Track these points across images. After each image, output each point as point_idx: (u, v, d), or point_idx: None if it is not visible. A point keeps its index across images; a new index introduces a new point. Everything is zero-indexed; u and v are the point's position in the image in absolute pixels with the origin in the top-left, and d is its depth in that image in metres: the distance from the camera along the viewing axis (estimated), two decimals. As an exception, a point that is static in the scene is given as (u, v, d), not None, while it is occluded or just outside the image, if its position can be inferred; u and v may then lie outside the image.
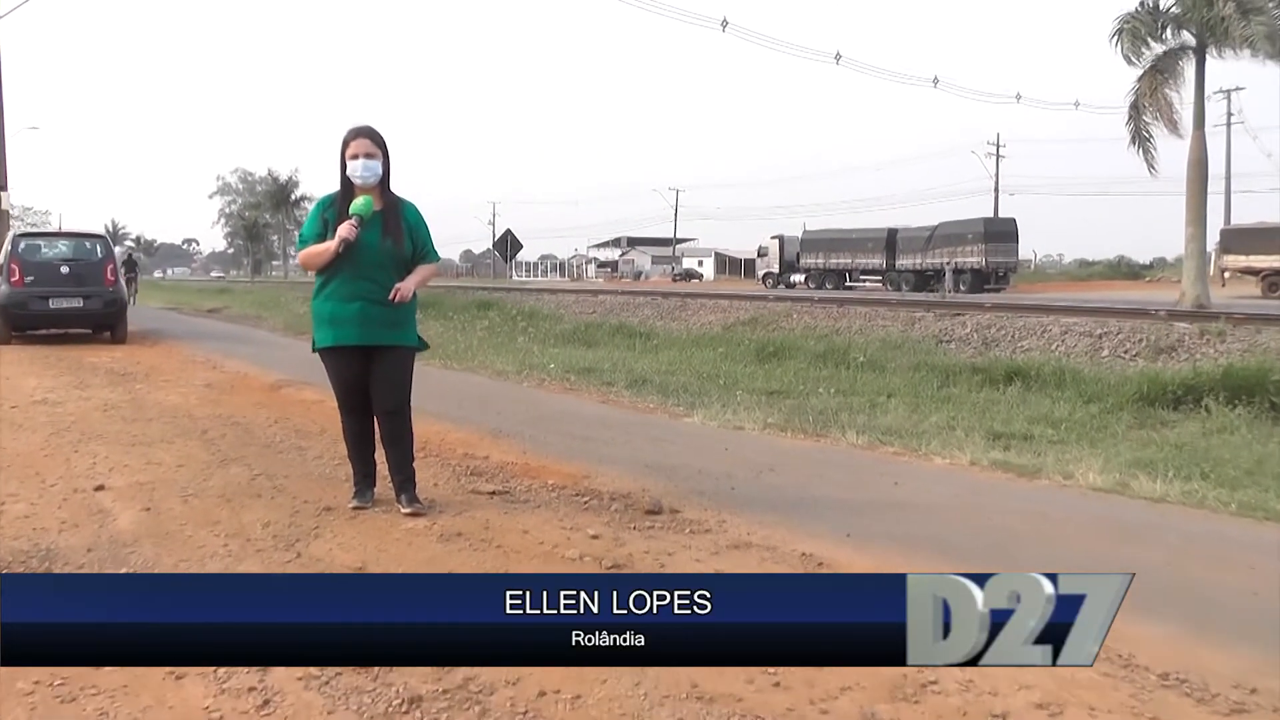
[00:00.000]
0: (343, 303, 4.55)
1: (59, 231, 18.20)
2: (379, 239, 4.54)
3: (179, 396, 8.57)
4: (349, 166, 4.56)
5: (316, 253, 4.55)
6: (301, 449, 6.24)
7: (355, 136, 4.58)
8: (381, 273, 4.55)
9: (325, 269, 4.57)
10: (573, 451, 6.24)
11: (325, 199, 4.72)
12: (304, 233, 4.71)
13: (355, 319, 4.54)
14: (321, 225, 4.58)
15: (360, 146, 4.54)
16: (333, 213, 4.59)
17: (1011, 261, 49.86)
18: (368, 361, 4.63)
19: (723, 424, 7.86)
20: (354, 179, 4.56)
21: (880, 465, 6.26)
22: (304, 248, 4.63)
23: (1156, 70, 23.09)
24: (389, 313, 4.58)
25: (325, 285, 4.60)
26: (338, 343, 4.61)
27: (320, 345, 4.69)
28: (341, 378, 4.70)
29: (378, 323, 4.57)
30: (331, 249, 4.46)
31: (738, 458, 6.25)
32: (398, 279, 4.60)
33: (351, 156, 4.54)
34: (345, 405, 4.78)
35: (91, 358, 12.22)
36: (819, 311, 18.07)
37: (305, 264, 4.70)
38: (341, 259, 4.48)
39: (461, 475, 5.51)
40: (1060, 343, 14.22)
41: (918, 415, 8.48)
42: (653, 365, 12.03)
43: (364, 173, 4.53)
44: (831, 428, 7.68)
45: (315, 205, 4.79)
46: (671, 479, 5.42)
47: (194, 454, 6.01)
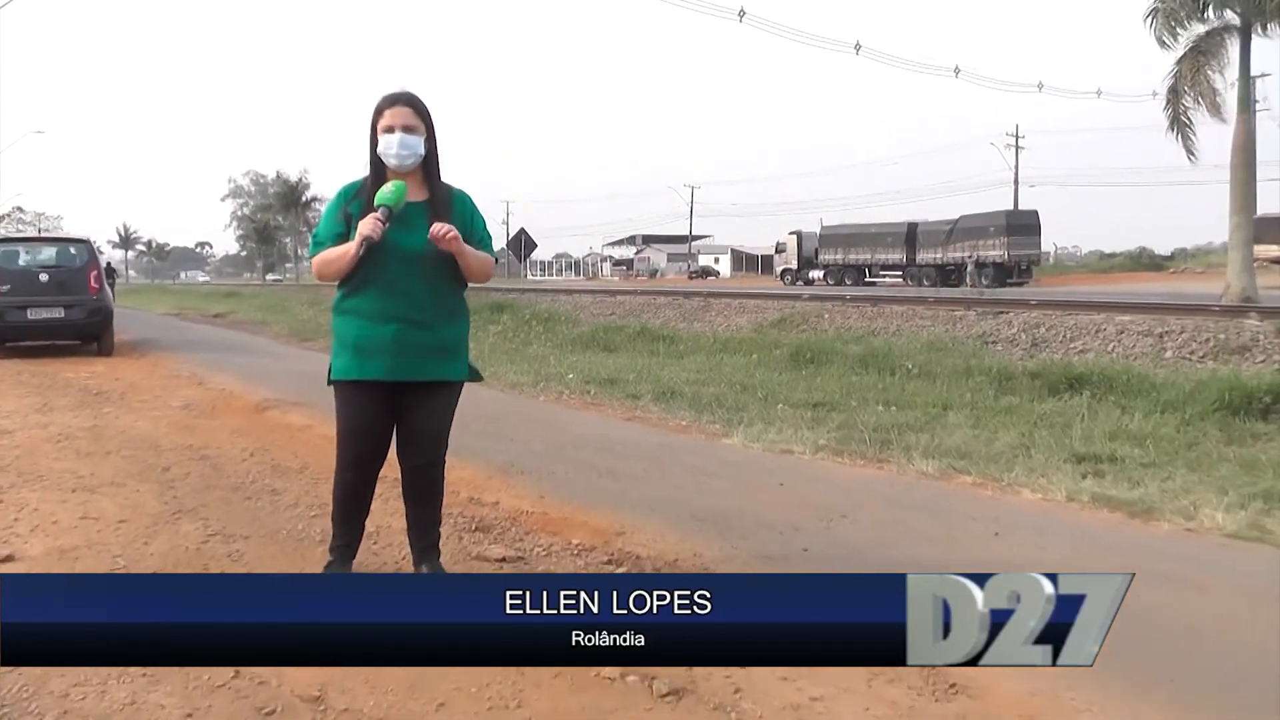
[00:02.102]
0: (372, 323, 3.42)
1: (39, 237, 17.18)
2: (423, 240, 3.41)
3: (149, 422, 7.55)
4: (381, 142, 3.44)
5: (333, 258, 3.43)
6: (274, 493, 5.21)
7: (392, 104, 3.46)
8: (426, 287, 3.46)
9: (349, 279, 3.45)
10: (600, 493, 5.19)
11: (348, 188, 3.57)
12: (319, 232, 3.55)
13: (389, 346, 3.41)
14: (343, 222, 3.47)
15: (398, 116, 3.43)
16: (359, 205, 3.45)
17: (1034, 254, 48.87)
18: (398, 401, 3.51)
19: (767, 446, 6.81)
20: (387, 159, 3.44)
21: (966, 503, 5.21)
22: (318, 251, 3.49)
23: (1198, 51, 21.80)
24: (434, 336, 3.48)
25: (349, 298, 3.49)
26: (363, 376, 3.45)
27: (338, 377, 3.51)
28: (358, 421, 3.51)
29: (420, 351, 3.46)
30: (350, 253, 3.34)
31: (797, 498, 5.19)
32: (449, 295, 3.53)
33: (385, 129, 3.43)
34: (351, 456, 3.57)
35: (69, 372, 11.24)
36: (852, 311, 16.95)
37: (320, 273, 3.52)
38: (370, 267, 3.38)
39: (464, 531, 4.46)
40: (1117, 343, 13.10)
41: (984, 432, 7.45)
42: (680, 374, 11.00)
43: (401, 151, 3.41)
44: (893, 450, 6.65)
45: (335, 196, 3.60)
46: (726, 535, 4.35)
47: (144, 503, 4.98)
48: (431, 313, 3.46)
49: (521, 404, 8.96)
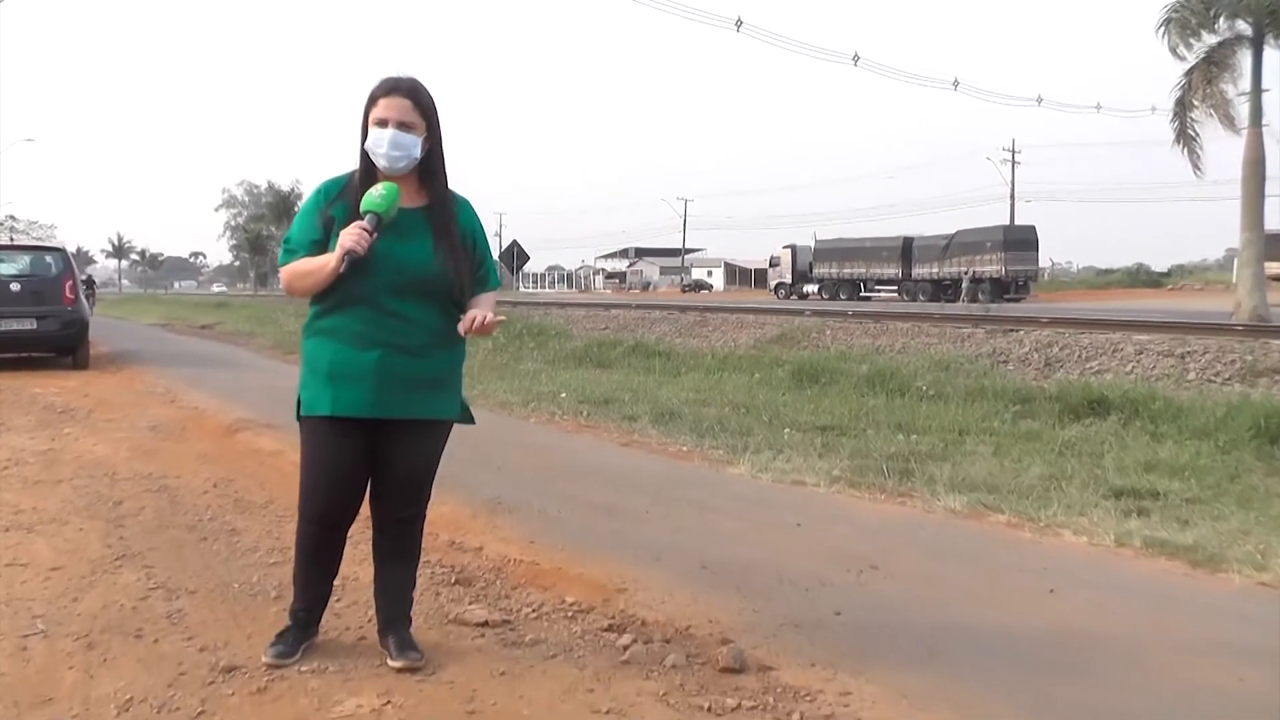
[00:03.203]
0: (352, 347, 2.86)
1: (11, 245, 16.56)
2: (421, 253, 2.89)
3: (110, 446, 6.98)
4: (370, 137, 2.88)
5: (307, 271, 2.86)
6: (233, 534, 4.65)
7: (388, 92, 2.88)
8: (420, 308, 2.91)
9: (326, 294, 2.89)
10: (597, 536, 4.63)
11: (329, 184, 2.99)
12: (291, 237, 2.95)
13: (372, 375, 2.85)
14: (321, 227, 2.90)
15: (393, 109, 2.86)
16: (342, 207, 2.89)
17: (1031, 270, 48.54)
18: (377, 442, 2.94)
19: (777, 476, 6.28)
20: (375, 159, 2.88)
21: (1006, 550, 4.67)
22: (290, 260, 2.91)
23: (1210, 63, 21.36)
24: (425, 366, 2.93)
25: (326, 316, 2.92)
26: (337, 411, 2.87)
27: (309, 412, 2.93)
28: (328, 466, 2.93)
29: (407, 383, 2.90)
30: (330, 267, 2.78)
31: (819, 542, 4.64)
32: (444, 318, 2.96)
33: (377, 122, 2.87)
34: (318, 508, 2.99)
35: (37, 387, 10.67)
36: (855, 328, 16.42)
37: (291, 286, 2.94)
38: (353, 283, 2.82)
39: (442, 585, 3.90)
40: (1135, 363, 12.57)
41: (1007, 461, 6.94)
42: (679, 393, 10.46)
43: (391, 151, 2.85)
44: (915, 482, 6.13)
45: (313, 194, 3.01)
46: (744, 593, 3.79)
47: (85, 546, 4.41)
48: (423, 338, 2.91)
49: (511, 426, 8.41)
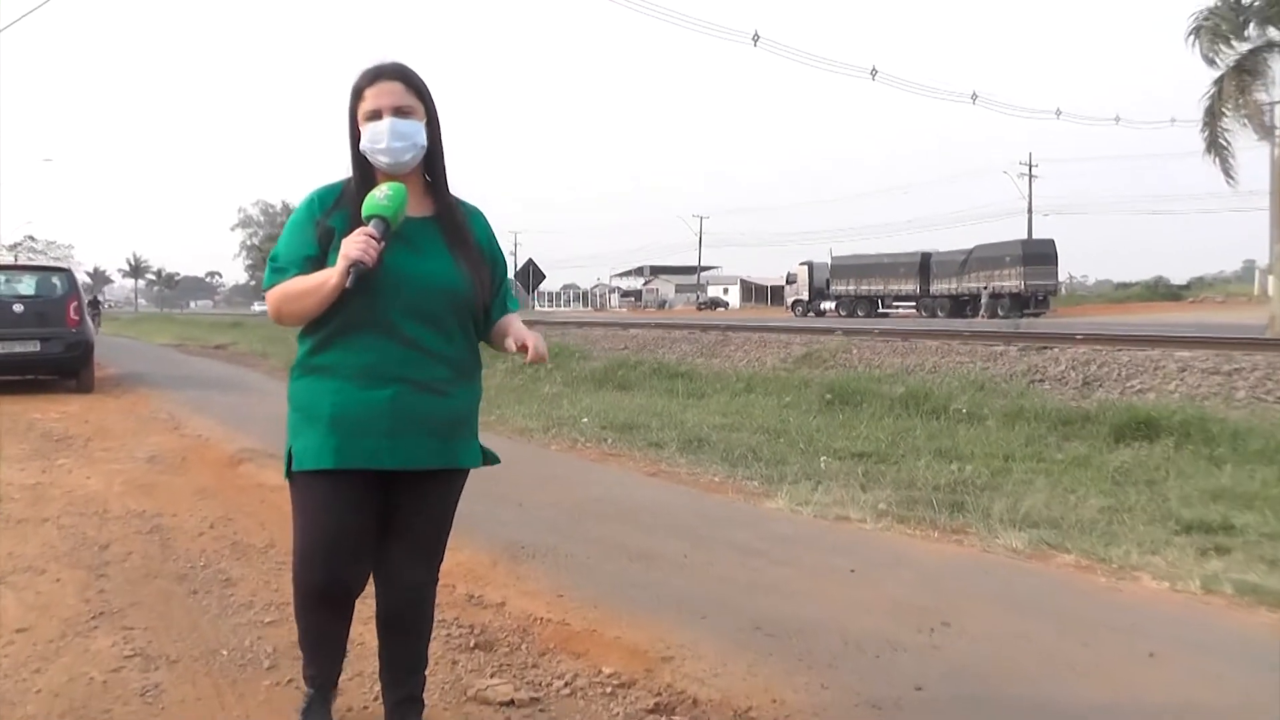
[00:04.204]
0: (360, 386, 2.34)
1: (15, 265, 16.22)
2: (442, 267, 2.40)
3: (103, 479, 6.52)
4: (366, 134, 2.39)
5: (302, 291, 2.33)
6: (227, 585, 4.18)
7: (374, 79, 2.41)
8: (439, 334, 2.40)
9: (324, 322, 2.36)
10: (633, 588, 4.14)
11: (323, 192, 2.47)
12: (279, 254, 2.42)
13: (384, 419, 2.33)
14: (316, 241, 2.38)
15: (385, 95, 2.38)
16: (342, 216, 2.38)
17: (1051, 284, 47.97)
18: (386, 497, 2.44)
19: (819, 511, 5.79)
20: (376, 159, 2.40)
21: (1086, 600, 4.17)
22: (278, 282, 2.38)
23: (1241, 70, 20.83)
24: (447, 406, 2.41)
25: (325, 350, 2.39)
26: (344, 464, 2.33)
27: (304, 466, 2.37)
28: (333, 529, 2.39)
29: (427, 426, 2.38)
30: (331, 284, 2.26)
31: (878, 593, 4.14)
32: (466, 347, 2.47)
33: (369, 115, 2.39)
34: (318, 583, 2.45)
35: (37, 413, 10.25)
36: (882, 346, 15.91)
37: (280, 312, 2.38)
38: (359, 303, 2.30)
39: (460, 651, 3.41)
40: (1179, 381, 12.04)
41: (1062, 490, 6.45)
42: (705, 417, 9.97)
43: (394, 143, 2.36)
44: (968, 517, 5.66)
45: (302, 204, 2.47)
46: (807, 661, 3.29)
47: (60, 601, 3.95)
48: (445, 371, 2.39)
49: (531, 455, 7.94)
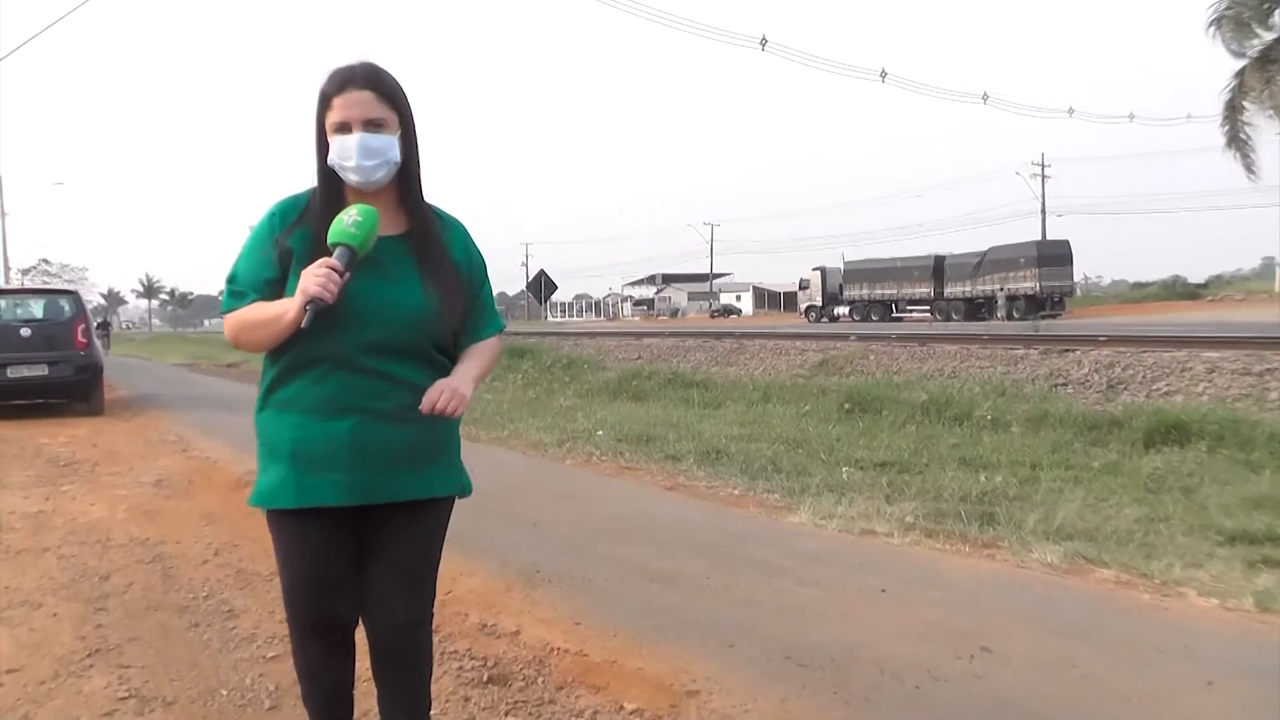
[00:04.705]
0: (318, 418, 2.17)
1: (22, 288, 16.14)
2: (409, 294, 2.21)
3: (107, 506, 6.37)
4: (334, 148, 2.17)
5: (257, 322, 2.15)
6: (230, 616, 4.00)
7: (343, 86, 2.16)
8: (405, 362, 2.21)
9: (283, 351, 2.19)
10: (654, 614, 3.94)
11: (284, 205, 2.26)
12: (236, 273, 2.22)
13: (345, 451, 2.16)
14: (275, 262, 2.19)
15: (354, 106, 2.15)
16: (302, 235, 2.19)
17: (1067, 285, 47.53)
18: (361, 533, 2.27)
19: (843, 526, 5.59)
20: (345, 175, 2.19)
21: (1130, 619, 3.95)
22: (235, 308, 2.19)
23: (1267, 60, 20.50)
24: (413, 434, 2.22)
25: (284, 384, 2.21)
26: (305, 501, 2.18)
27: (261, 503, 2.24)
28: (308, 568, 2.25)
29: (392, 457, 2.21)
30: (288, 318, 2.08)
31: (913, 615, 3.94)
32: (434, 373, 2.23)
33: (338, 127, 2.16)
34: (307, 621, 2.31)
35: (45, 437, 10.13)
36: (900, 352, 15.67)
37: (238, 340, 2.22)
38: (318, 337, 2.12)
39: (472, 687, 3.22)
40: (1208, 383, 11.76)
41: (1094, 499, 6.24)
42: (722, 428, 9.77)
43: (364, 161, 2.14)
44: (999, 529, 5.46)
45: (263, 219, 2.26)
46: (842, 695, 3.08)
47: (55, 637, 3.78)
48: (408, 398, 2.18)
49: (546, 470, 7.75)
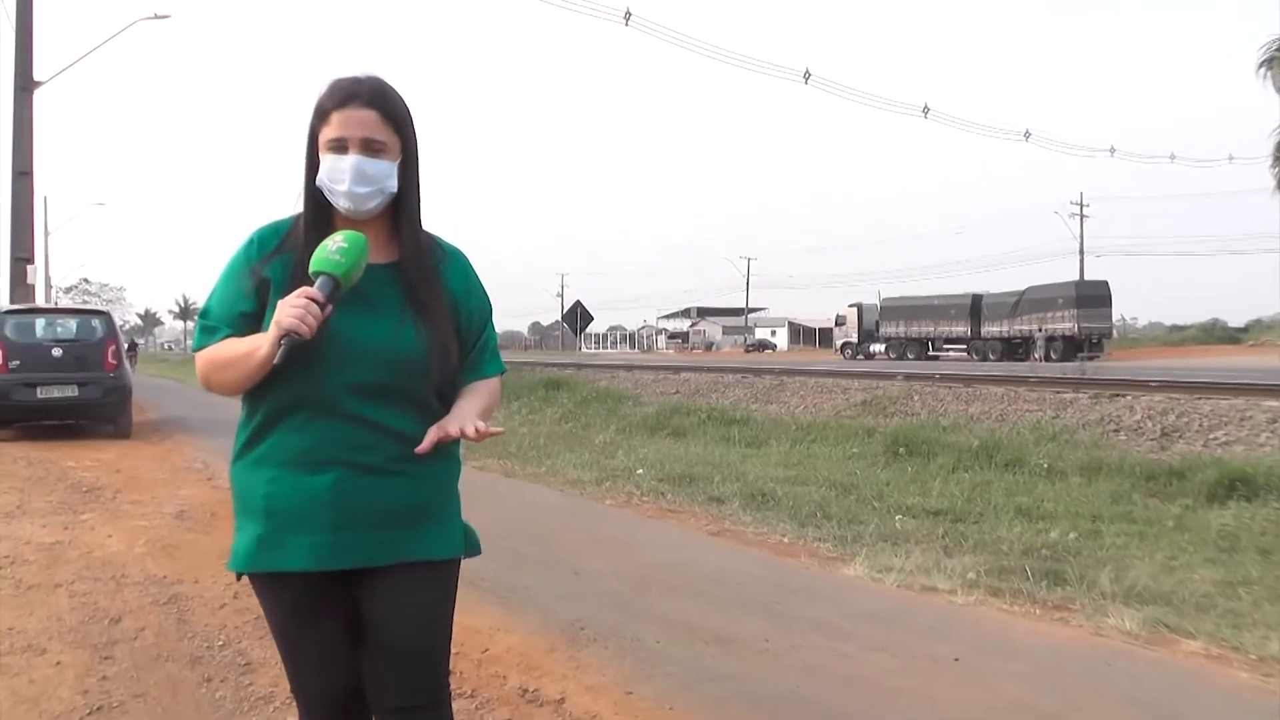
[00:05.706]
0: (296, 470, 1.88)
1: (55, 308, 16.03)
2: (395, 331, 1.91)
3: (125, 538, 6.07)
4: (325, 167, 1.91)
5: (229, 360, 1.88)
6: (245, 669, 3.67)
7: (344, 101, 1.91)
8: (392, 408, 1.91)
9: (259, 395, 1.92)
10: (711, 682, 3.57)
11: (264, 233, 2.00)
12: (209, 308, 1.96)
13: (326, 510, 1.86)
14: (251, 294, 1.94)
15: (354, 124, 1.90)
16: (281, 264, 1.93)
17: (1106, 327, 46.89)
18: (355, 598, 1.95)
19: (902, 581, 5.21)
20: (335, 200, 1.92)
21: (1233, 704, 3.55)
22: (207, 344, 1.93)
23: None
24: (402, 488, 1.92)
25: (261, 438, 1.93)
26: (280, 565, 1.88)
27: (239, 567, 1.93)
28: (299, 641, 1.97)
29: (381, 516, 1.90)
30: (260, 355, 1.81)
31: (992, 690, 3.54)
32: (425, 420, 1.92)
33: (332, 145, 1.91)
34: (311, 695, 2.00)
35: (71, 460, 9.91)
36: (944, 392, 15.22)
37: (210, 382, 1.94)
38: (295, 378, 1.85)
39: (512, 769, 2.88)
40: (1270, 433, 11.22)
41: (1163, 558, 5.83)
42: (766, 469, 9.40)
43: (356, 188, 1.89)
44: (1069, 589, 5.06)
45: (240, 248, 2.00)
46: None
47: (55, 690, 3.46)
48: (397, 448, 1.89)
49: (585, 511, 7.40)
